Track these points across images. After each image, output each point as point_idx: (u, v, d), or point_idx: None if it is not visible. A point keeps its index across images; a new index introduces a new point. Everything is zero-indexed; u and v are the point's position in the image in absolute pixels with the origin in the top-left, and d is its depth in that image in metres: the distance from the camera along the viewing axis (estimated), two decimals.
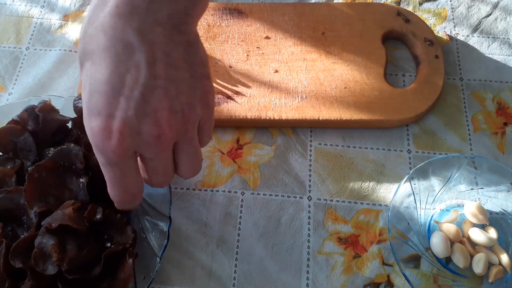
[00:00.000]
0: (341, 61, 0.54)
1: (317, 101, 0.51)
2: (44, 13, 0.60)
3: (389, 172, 0.49)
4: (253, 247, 0.46)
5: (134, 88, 0.30)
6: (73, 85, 0.54)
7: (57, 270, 0.34)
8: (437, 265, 0.44)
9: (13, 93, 0.54)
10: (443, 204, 0.47)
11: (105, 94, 0.29)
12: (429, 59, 0.54)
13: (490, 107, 0.53)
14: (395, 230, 0.43)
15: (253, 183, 0.49)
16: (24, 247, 0.35)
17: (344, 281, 0.44)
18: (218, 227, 0.46)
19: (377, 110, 0.50)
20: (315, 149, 0.51)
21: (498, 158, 0.50)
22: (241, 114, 0.50)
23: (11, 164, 0.41)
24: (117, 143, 0.30)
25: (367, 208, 0.47)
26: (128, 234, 0.38)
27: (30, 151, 0.40)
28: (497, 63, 0.56)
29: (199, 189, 0.48)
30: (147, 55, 0.30)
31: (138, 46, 0.30)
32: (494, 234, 0.44)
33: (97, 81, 0.30)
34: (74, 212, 0.36)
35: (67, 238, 0.36)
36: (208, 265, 0.45)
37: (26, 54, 0.57)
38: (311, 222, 0.47)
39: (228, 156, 0.50)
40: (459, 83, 0.54)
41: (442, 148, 0.50)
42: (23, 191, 0.37)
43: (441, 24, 0.59)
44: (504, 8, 0.59)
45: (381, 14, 0.57)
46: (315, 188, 0.48)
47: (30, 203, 0.37)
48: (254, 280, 0.44)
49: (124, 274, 0.36)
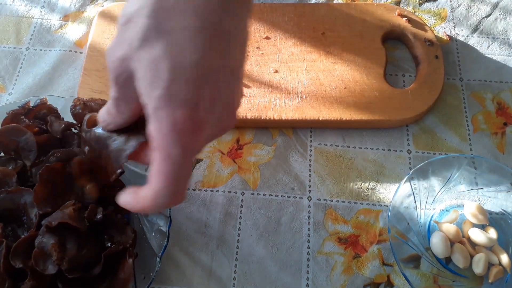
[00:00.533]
0: (341, 61, 0.54)
1: (317, 101, 0.51)
2: (44, 13, 0.60)
3: (389, 172, 0.49)
4: (253, 247, 0.46)
5: (221, 77, 0.27)
6: (73, 85, 0.54)
7: (57, 270, 0.34)
8: (437, 265, 0.44)
9: (13, 93, 0.54)
10: (443, 204, 0.47)
11: (192, 81, 0.26)
12: (429, 59, 0.54)
13: (490, 107, 0.53)
14: (395, 230, 0.43)
15: (253, 183, 0.49)
16: (25, 247, 0.35)
17: (344, 281, 0.44)
18: (218, 227, 0.46)
19: (377, 110, 0.51)
20: (315, 149, 0.51)
21: (498, 158, 0.50)
22: (241, 114, 0.50)
23: (13, 165, 0.41)
24: (201, 135, 0.28)
25: (367, 208, 0.47)
26: (128, 234, 0.38)
27: (31, 151, 0.40)
28: (497, 63, 0.56)
29: (199, 189, 0.48)
30: (242, 46, 0.28)
31: (234, 35, 0.27)
32: (494, 234, 0.44)
33: (182, 66, 0.26)
34: (74, 212, 0.36)
35: (67, 238, 0.36)
36: (208, 265, 0.45)
37: (26, 54, 0.57)
38: (311, 222, 0.47)
39: (228, 156, 0.50)
40: (459, 83, 0.55)
41: (442, 148, 0.51)
42: (34, 191, 0.37)
43: (441, 24, 0.59)
44: (504, 8, 0.59)
45: (381, 14, 0.57)
46: (315, 188, 0.48)
47: (39, 203, 0.37)
48: (254, 280, 0.44)
49: (124, 274, 0.36)
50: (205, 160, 0.50)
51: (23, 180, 0.40)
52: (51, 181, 0.38)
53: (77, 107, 0.42)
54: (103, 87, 0.52)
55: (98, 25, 0.56)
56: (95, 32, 0.56)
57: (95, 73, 0.53)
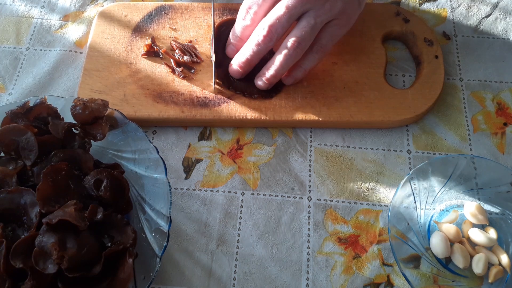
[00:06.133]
0: (341, 61, 0.54)
1: (317, 101, 0.51)
2: (44, 13, 0.60)
3: (389, 172, 0.49)
4: (253, 247, 0.46)
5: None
6: (73, 85, 0.54)
7: (57, 269, 0.34)
8: (437, 265, 0.44)
9: (13, 93, 0.54)
10: (443, 204, 0.47)
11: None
12: (429, 59, 0.54)
13: (490, 107, 0.53)
14: (395, 230, 0.43)
15: (253, 183, 0.49)
16: (25, 247, 0.35)
17: (344, 281, 0.44)
18: (218, 227, 0.47)
19: (377, 110, 0.51)
20: (315, 149, 0.51)
21: (498, 158, 0.50)
22: (241, 114, 0.50)
23: (13, 165, 0.41)
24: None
25: (367, 208, 0.48)
26: (129, 234, 0.38)
27: (31, 151, 0.40)
28: (497, 63, 0.56)
29: (199, 189, 0.48)
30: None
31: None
32: (494, 235, 0.44)
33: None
34: (75, 211, 0.36)
35: (68, 237, 0.36)
36: (208, 265, 0.45)
37: (26, 54, 0.57)
38: (311, 222, 0.47)
39: (228, 156, 0.50)
40: (459, 83, 0.55)
41: (442, 148, 0.51)
42: (37, 189, 0.37)
43: (441, 24, 0.59)
44: (504, 8, 0.59)
45: (381, 14, 0.57)
46: (315, 188, 0.48)
47: (42, 201, 0.37)
48: (254, 280, 0.44)
49: (124, 274, 0.36)
50: (205, 160, 0.50)
51: (23, 180, 0.40)
52: (55, 180, 0.38)
53: (77, 107, 0.42)
54: (103, 87, 0.52)
55: (98, 25, 0.56)
56: (95, 32, 0.56)
57: (95, 73, 0.53)
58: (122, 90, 0.52)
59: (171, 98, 0.51)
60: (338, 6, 0.46)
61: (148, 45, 0.54)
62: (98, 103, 0.43)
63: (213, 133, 0.52)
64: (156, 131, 0.52)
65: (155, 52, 0.54)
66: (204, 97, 0.51)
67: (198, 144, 0.51)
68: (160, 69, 0.53)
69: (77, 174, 0.40)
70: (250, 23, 0.49)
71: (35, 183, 0.39)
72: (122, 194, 0.40)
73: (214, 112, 0.50)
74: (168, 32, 0.56)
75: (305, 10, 0.46)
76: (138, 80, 0.53)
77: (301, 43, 0.47)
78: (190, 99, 0.51)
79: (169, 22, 0.57)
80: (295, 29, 0.47)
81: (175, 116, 0.50)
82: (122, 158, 0.44)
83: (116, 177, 0.40)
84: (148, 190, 0.42)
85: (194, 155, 0.50)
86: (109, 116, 0.44)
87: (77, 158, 0.40)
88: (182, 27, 0.56)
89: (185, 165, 0.50)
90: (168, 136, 0.51)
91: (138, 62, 0.54)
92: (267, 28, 0.47)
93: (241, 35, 0.50)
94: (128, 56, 0.54)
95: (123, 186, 0.40)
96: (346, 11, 0.48)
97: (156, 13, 0.57)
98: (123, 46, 0.55)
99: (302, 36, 0.46)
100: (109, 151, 0.45)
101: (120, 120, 0.44)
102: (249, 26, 0.49)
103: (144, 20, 0.57)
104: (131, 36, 0.55)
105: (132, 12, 0.57)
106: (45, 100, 0.43)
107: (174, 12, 0.57)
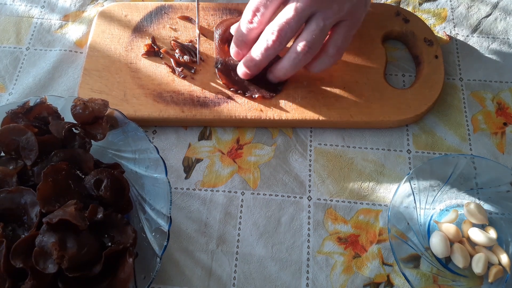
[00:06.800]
0: (341, 61, 0.54)
1: (317, 101, 0.51)
2: (44, 13, 0.60)
3: (389, 172, 0.49)
4: (253, 247, 0.46)
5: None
6: (73, 85, 0.54)
7: (57, 269, 0.34)
8: (436, 265, 0.44)
9: (13, 93, 0.54)
10: (442, 204, 0.47)
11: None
12: (429, 59, 0.54)
13: (490, 107, 0.53)
14: (394, 230, 0.43)
15: (253, 183, 0.49)
16: (25, 247, 0.35)
17: (344, 281, 0.44)
18: (218, 227, 0.47)
19: (377, 110, 0.51)
20: (315, 149, 0.51)
21: (498, 158, 0.50)
22: (241, 114, 0.50)
23: (13, 165, 0.41)
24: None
25: (367, 208, 0.48)
26: (129, 234, 0.38)
27: (31, 151, 0.40)
28: (497, 63, 0.56)
29: (199, 189, 0.48)
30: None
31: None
32: (494, 234, 0.44)
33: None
34: (75, 211, 0.36)
35: (68, 237, 0.36)
36: (208, 265, 0.45)
37: (26, 54, 0.57)
38: (311, 222, 0.47)
39: (228, 156, 0.50)
40: (459, 83, 0.55)
41: (442, 148, 0.51)
42: (37, 189, 0.37)
43: (441, 24, 0.59)
44: (504, 8, 0.59)
45: (380, 14, 0.57)
46: (315, 188, 0.49)
47: (42, 201, 0.37)
48: (254, 280, 0.44)
49: (124, 274, 0.37)
50: (205, 159, 0.50)
51: (23, 180, 0.40)
52: (55, 180, 0.38)
53: (77, 107, 0.42)
54: (103, 87, 0.52)
55: (98, 25, 0.56)
56: (95, 32, 0.56)
57: (95, 73, 0.53)
58: (122, 90, 0.52)
59: (171, 98, 0.51)
60: (345, 7, 0.46)
61: (148, 45, 0.54)
62: (98, 103, 0.43)
63: (213, 133, 0.52)
64: (156, 130, 0.52)
65: (155, 52, 0.54)
66: (204, 97, 0.51)
67: (198, 144, 0.51)
68: (160, 69, 0.53)
69: (77, 174, 0.40)
70: (257, 25, 0.48)
71: (35, 183, 0.39)
72: (122, 194, 0.40)
73: (214, 112, 0.51)
74: (168, 32, 0.56)
75: (313, 12, 0.45)
76: (138, 80, 0.53)
77: (312, 47, 0.46)
78: (190, 98, 0.51)
79: (169, 22, 0.57)
80: (304, 33, 0.46)
81: (175, 115, 0.50)
82: (122, 158, 0.44)
83: (116, 177, 0.40)
84: (148, 190, 0.42)
85: (194, 155, 0.50)
86: (109, 116, 0.44)
87: (77, 158, 0.41)
88: (182, 27, 0.56)
89: (185, 165, 0.50)
90: (168, 136, 0.51)
91: (138, 62, 0.54)
92: (277, 32, 0.46)
93: (247, 37, 0.50)
94: (128, 56, 0.54)
95: (123, 186, 0.40)
96: (354, 12, 0.47)
97: (156, 13, 0.57)
98: (123, 46, 0.55)
99: (312, 40, 0.46)
100: (109, 151, 0.45)
101: (120, 120, 0.44)
102: (255, 29, 0.48)
103: (144, 20, 0.57)
104: (131, 36, 0.55)
105: (132, 12, 0.57)
106: (45, 100, 0.43)
107: (174, 12, 0.57)
